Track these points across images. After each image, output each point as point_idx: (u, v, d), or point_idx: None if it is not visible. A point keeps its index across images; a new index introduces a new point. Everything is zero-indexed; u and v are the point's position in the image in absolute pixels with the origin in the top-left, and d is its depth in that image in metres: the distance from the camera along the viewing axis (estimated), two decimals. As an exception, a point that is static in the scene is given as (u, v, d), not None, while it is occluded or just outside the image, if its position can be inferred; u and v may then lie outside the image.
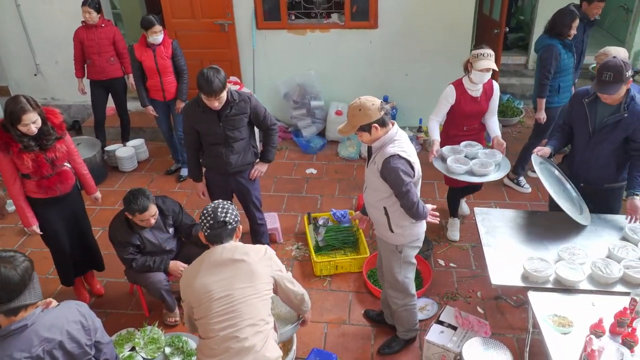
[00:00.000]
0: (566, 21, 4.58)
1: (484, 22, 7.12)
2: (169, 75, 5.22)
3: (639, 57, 7.68)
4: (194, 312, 2.49)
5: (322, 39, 6.16)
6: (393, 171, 2.81)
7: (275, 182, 5.62)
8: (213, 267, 2.47)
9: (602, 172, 3.55)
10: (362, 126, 2.83)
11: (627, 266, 2.96)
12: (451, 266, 4.35)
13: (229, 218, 2.51)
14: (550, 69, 4.64)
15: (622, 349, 2.48)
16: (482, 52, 3.80)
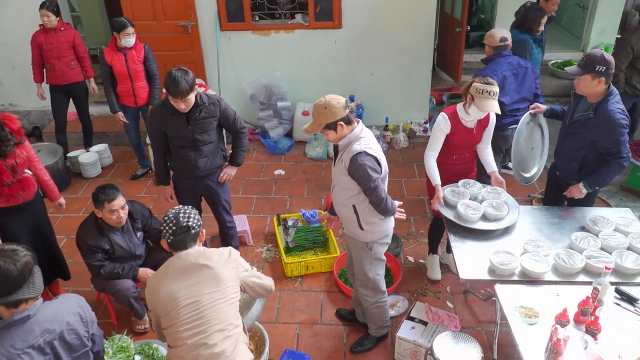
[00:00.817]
0: (536, 17, 4.72)
1: (446, 20, 7.24)
2: (140, 80, 5.12)
3: (595, 53, 7.92)
4: (161, 320, 2.45)
5: (287, 40, 6.16)
6: (360, 168, 2.83)
7: (244, 184, 5.58)
8: (178, 274, 2.43)
9: (568, 165, 3.64)
10: (327, 124, 2.84)
11: (589, 256, 3.05)
12: (420, 262, 4.40)
13: (191, 222, 2.48)
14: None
15: (586, 337, 2.56)
16: (488, 90, 3.29)
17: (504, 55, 4.24)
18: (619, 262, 2.99)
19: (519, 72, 4.24)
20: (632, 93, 5.38)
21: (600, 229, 3.32)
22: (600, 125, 3.33)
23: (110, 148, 6.15)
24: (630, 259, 3.02)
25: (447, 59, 7.46)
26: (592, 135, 3.40)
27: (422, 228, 4.76)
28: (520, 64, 4.26)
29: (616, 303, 2.83)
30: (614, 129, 3.30)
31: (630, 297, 2.83)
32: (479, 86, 3.32)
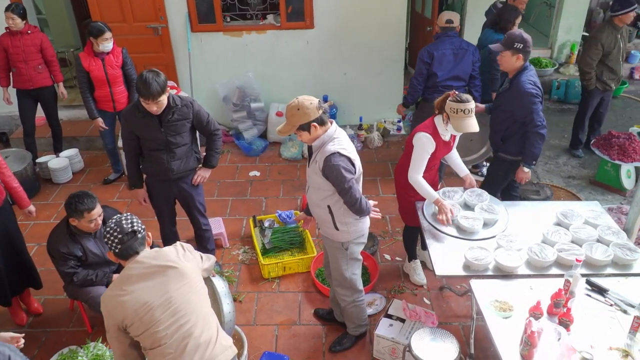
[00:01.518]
0: (510, 17, 4.81)
1: (416, 20, 7.32)
2: (119, 85, 5.03)
3: (562, 50, 8.11)
4: (132, 329, 2.37)
5: (259, 41, 6.13)
6: (334, 169, 2.83)
7: (219, 187, 5.54)
8: (140, 280, 2.37)
9: (494, 137, 4.01)
10: (301, 125, 2.83)
11: (561, 249, 3.12)
12: (397, 260, 4.44)
13: (136, 227, 2.44)
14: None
15: (559, 329, 2.61)
16: (462, 109, 3.21)
17: (449, 35, 4.64)
18: (589, 254, 3.06)
19: (459, 52, 4.65)
20: (602, 89, 5.53)
21: (571, 223, 3.39)
22: (513, 95, 3.74)
23: (81, 153, 6.03)
24: (600, 251, 3.10)
25: (419, 58, 7.53)
26: (509, 106, 3.80)
27: (398, 226, 4.80)
28: (462, 46, 4.66)
29: (587, 294, 2.89)
30: (524, 97, 3.69)
31: (601, 288, 2.90)
32: (454, 105, 3.23)
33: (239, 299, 4.04)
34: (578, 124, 5.90)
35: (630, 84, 7.83)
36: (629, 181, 5.22)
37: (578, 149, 6.01)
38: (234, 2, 6.14)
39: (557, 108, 7.30)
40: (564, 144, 6.25)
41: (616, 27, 5.29)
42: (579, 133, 5.93)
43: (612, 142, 5.40)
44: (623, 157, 5.23)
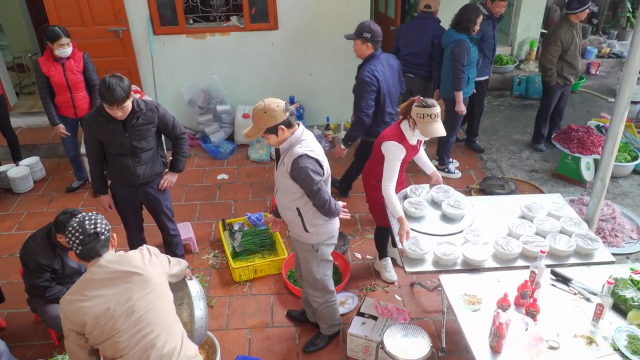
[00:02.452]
0: (471, 17, 4.88)
1: (380, 19, 7.37)
2: (80, 91, 4.90)
3: (522, 47, 8.31)
4: (92, 336, 2.30)
5: (223, 42, 6.08)
6: (302, 171, 2.83)
7: (186, 191, 5.47)
8: (103, 285, 2.30)
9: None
10: (268, 128, 2.82)
11: (525, 242, 3.19)
12: (367, 258, 4.46)
13: (99, 228, 2.35)
14: (464, 63, 4.93)
15: (526, 319, 2.68)
16: (429, 113, 3.21)
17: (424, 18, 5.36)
18: (552, 245, 3.15)
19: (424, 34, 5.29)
20: (562, 84, 5.69)
21: (535, 215, 3.48)
22: (356, 79, 4.21)
23: (43, 161, 5.86)
24: (563, 242, 3.18)
25: (384, 57, 7.59)
26: (353, 88, 4.27)
27: (367, 225, 4.83)
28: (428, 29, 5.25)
29: (552, 284, 2.98)
30: (359, 83, 4.18)
31: (565, 277, 2.98)
32: (420, 111, 3.23)
33: (210, 303, 3.99)
34: (540, 118, 6.06)
35: (587, 78, 8.08)
36: (589, 173, 5.38)
37: (540, 143, 6.16)
38: (196, 4, 6.07)
39: (519, 104, 7.47)
40: (527, 138, 6.40)
41: (572, 24, 5.44)
42: (541, 128, 6.09)
43: (571, 136, 5.57)
44: (582, 150, 5.39)
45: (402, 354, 2.94)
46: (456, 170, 5.66)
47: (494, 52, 5.61)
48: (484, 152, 6.12)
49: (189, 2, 6.02)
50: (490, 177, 5.42)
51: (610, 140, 3.26)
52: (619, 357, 2.50)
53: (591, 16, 8.75)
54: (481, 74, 5.55)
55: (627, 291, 2.79)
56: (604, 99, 7.47)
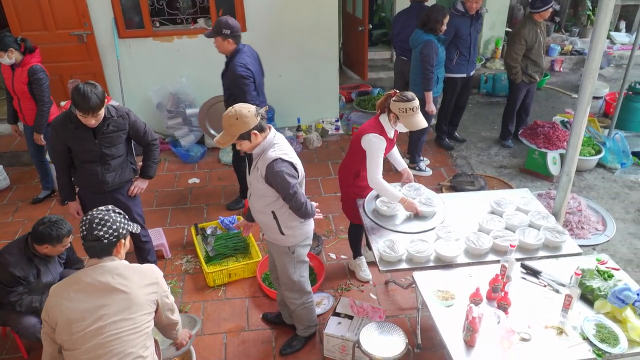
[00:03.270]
0: (438, 17, 4.93)
1: (348, 20, 7.41)
2: (26, 101, 4.75)
3: (488, 46, 8.46)
4: (60, 339, 2.24)
5: (191, 45, 6.02)
6: (278, 175, 2.82)
7: (157, 196, 5.39)
8: (88, 291, 2.24)
9: None
10: (241, 135, 2.79)
11: (496, 236, 3.24)
12: (342, 258, 4.48)
13: (103, 232, 2.28)
14: (433, 63, 4.98)
15: (498, 312, 2.72)
16: (411, 107, 3.31)
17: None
18: (522, 239, 3.21)
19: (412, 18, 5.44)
20: (528, 81, 5.81)
21: (504, 210, 3.54)
22: (229, 76, 4.28)
23: (6, 169, 5.70)
24: (532, 235, 3.25)
25: (353, 58, 7.64)
26: (229, 86, 4.32)
27: (341, 224, 4.84)
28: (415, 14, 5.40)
29: (522, 277, 3.03)
30: (235, 79, 4.23)
31: (534, 270, 3.04)
32: (402, 105, 3.31)
33: (184, 309, 3.94)
34: (507, 115, 6.18)
35: (551, 75, 8.28)
36: (555, 167, 5.51)
37: (508, 139, 6.28)
38: (162, 6, 5.99)
39: (486, 101, 7.61)
40: (495, 135, 6.52)
41: (536, 23, 5.56)
42: (509, 124, 6.21)
43: (537, 132, 5.69)
44: (548, 145, 5.52)
45: (378, 352, 2.95)
46: (427, 168, 5.73)
47: (471, 50, 5.61)
48: (454, 149, 6.20)
49: (154, 4, 5.94)
50: (460, 174, 5.50)
51: (574, 135, 3.34)
52: (587, 346, 2.56)
53: (554, 14, 8.97)
54: (457, 71, 5.62)
55: (593, 281, 2.86)
56: (568, 95, 7.66)
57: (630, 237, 4.71)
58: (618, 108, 5.97)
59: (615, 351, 2.52)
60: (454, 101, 5.91)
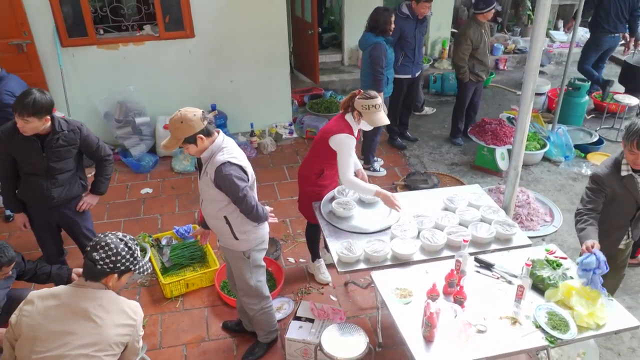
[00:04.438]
0: (387, 18, 5.01)
1: (298, 24, 7.44)
2: None
3: (435, 46, 8.66)
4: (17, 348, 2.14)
5: (138, 52, 5.89)
6: (227, 178, 2.79)
7: (109, 208, 5.24)
8: (63, 312, 2.15)
9: None
10: (186, 138, 2.76)
11: (450, 232, 3.32)
12: (301, 261, 4.47)
13: (99, 258, 2.18)
14: (382, 65, 5.05)
15: (455, 307, 2.78)
16: (374, 104, 3.39)
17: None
18: (474, 234, 3.30)
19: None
20: (475, 80, 5.98)
21: (457, 206, 3.63)
22: None
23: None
24: (484, 230, 3.34)
25: (304, 61, 7.67)
26: None
27: (298, 228, 4.84)
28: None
29: (477, 271, 3.11)
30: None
31: (488, 263, 3.13)
32: (365, 102, 3.38)
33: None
34: (457, 114, 6.34)
35: (496, 74, 8.55)
36: (504, 163, 5.68)
37: (458, 137, 6.44)
38: (106, 13, 5.84)
39: (436, 100, 7.78)
40: (445, 133, 6.68)
41: (480, 23, 5.74)
42: (458, 122, 6.37)
43: (485, 129, 5.86)
44: (496, 141, 5.69)
45: (340, 354, 2.96)
46: (381, 169, 5.80)
47: (416, 51, 5.70)
48: (407, 148, 6.31)
49: (97, 12, 5.78)
50: (413, 173, 5.60)
51: (520, 130, 3.46)
52: (540, 334, 2.65)
53: (496, 15, 9.27)
54: (402, 72, 5.71)
55: (543, 271, 2.97)
56: (512, 92, 7.93)
57: (576, 226, 4.90)
58: (560, 103, 6.23)
59: (566, 337, 2.62)
60: (401, 101, 6.00)
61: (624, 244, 3.37)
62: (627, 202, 3.17)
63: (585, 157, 6.10)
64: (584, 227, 3.12)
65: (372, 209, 3.71)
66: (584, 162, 6.01)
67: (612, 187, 3.14)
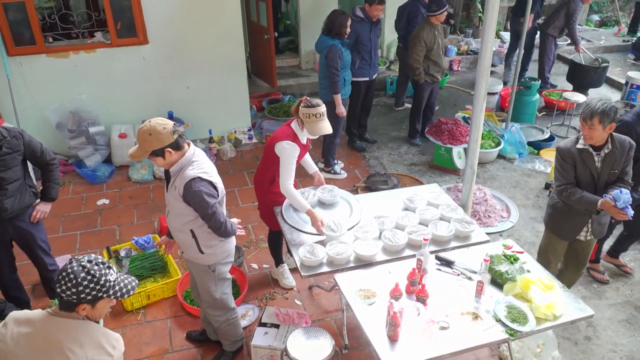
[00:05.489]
0: (343, 22, 5.04)
1: (253, 28, 7.41)
2: None
3: (390, 49, 8.78)
4: None
5: (89, 60, 5.74)
6: (196, 195, 2.73)
7: (63, 221, 5.07)
8: (35, 341, 2.00)
9: None
10: (154, 151, 2.69)
11: (410, 232, 3.36)
12: (264, 267, 4.44)
13: (61, 290, 1.99)
14: (338, 67, 5.08)
15: (417, 305, 2.82)
16: (315, 112, 3.35)
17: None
18: (434, 232, 3.35)
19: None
20: (430, 81, 6.09)
21: (416, 206, 3.68)
22: None
23: None
24: (443, 228, 3.41)
25: (261, 66, 7.64)
26: None
27: (261, 234, 4.81)
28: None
29: (438, 269, 3.17)
30: None
31: (448, 261, 3.19)
32: (306, 111, 3.34)
33: (101, 338, 3.73)
34: (414, 115, 6.44)
35: (451, 75, 8.75)
36: (461, 161, 5.81)
37: (416, 137, 6.55)
38: (54, 21, 5.66)
39: (393, 102, 7.87)
40: (403, 134, 6.77)
41: (433, 26, 5.85)
42: (416, 123, 6.48)
43: (442, 129, 5.98)
44: (453, 140, 5.81)
45: (306, 358, 2.96)
46: (342, 171, 5.84)
47: (372, 54, 5.77)
48: (366, 150, 6.37)
49: (46, 19, 5.61)
50: (374, 174, 5.66)
51: (474, 129, 3.55)
52: (501, 327, 2.72)
53: (449, 17, 9.48)
54: (360, 74, 5.77)
55: (501, 266, 3.05)
56: (467, 92, 8.11)
57: (532, 221, 5.06)
58: (512, 102, 6.41)
59: (525, 329, 2.69)
60: (360, 104, 6.06)
61: (583, 235, 3.51)
62: (585, 177, 3.30)
63: (538, 154, 6.30)
64: (581, 194, 3.26)
65: (332, 209, 3.72)
66: (537, 158, 6.21)
67: (573, 159, 3.27)
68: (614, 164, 3.23)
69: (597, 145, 3.22)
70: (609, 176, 3.28)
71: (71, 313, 2.05)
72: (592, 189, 3.30)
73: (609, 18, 11.69)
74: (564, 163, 3.32)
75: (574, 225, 3.48)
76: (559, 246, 3.63)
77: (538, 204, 5.32)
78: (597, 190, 3.30)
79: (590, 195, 3.24)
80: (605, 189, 3.28)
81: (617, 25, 11.07)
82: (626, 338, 3.78)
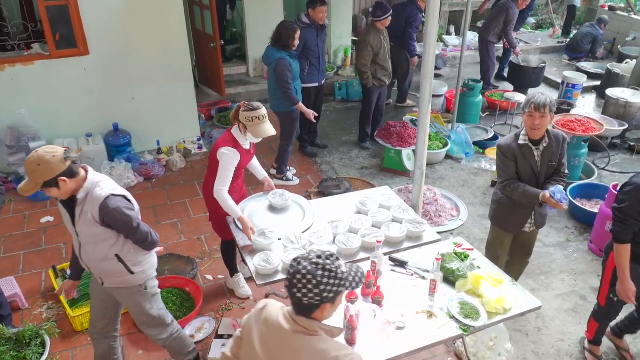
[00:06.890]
0: (290, 34, 5.01)
1: (199, 37, 7.32)
2: None
3: (338, 54, 8.87)
4: None
5: (27, 73, 5.51)
6: (116, 212, 2.61)
7: (5, 242, 4.84)
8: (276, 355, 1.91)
9: None
10: (45, 182, 2.51)
11: (364, 235, 3.39)
12: (219, 278, 4.38)
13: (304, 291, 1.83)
14: (288, 80, 5.06)
15: (374, 307, 2.85)
16: (257, 115, 3.38)
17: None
18: (387, 234, 3.40)
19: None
20: (378, 85, 6.19)
21: (369, 209, 3.72)
22: None
23: None
24: (396, 229, 3.46)
25: (208, 74, 7.56)
26: None
27: (214, 244, 4.74)
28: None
29: (392, 270, 3.20)
30: None
31: (401, 261, 3.24)
32: (248, 115, 3.36)
33: (50, 362, 3.58)
34: (364, 119, 6.52)
35: (397, 78, 8.90)
36: (410, 163, 5.92)
37: (366, 141, 6.63)
38: (-13, 32, 5.43)
39: (342, 107, 7.96)
40: (354, 138, 6.84)
41: (379, 30, 5.96)
42: (365, 127, 6.56)
43: (391, 132, 6.08)
44: (402, 143, 5.92)
45: (265, 367, 2.93)
46: (294, 177, 5.84)
47: (320, 59, 5.80)
48: (318, 156, 6.40)
49: (-22, 31, 5.36)
50: (326, 180, 5.69)
51: (421, 131, 3.62)
52: (455, 324, 2.78)
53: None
54: (309, 80, 5.79)
55: (452, 264, 3.12)
56: (414, 95, 8.28)
57: (480, 218, 5.21)
58: (457, 104, 6.60)
59: (478, 324, 2.76)
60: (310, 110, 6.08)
61: (528, 227, 3.65)
62: (526, 171, 3.43)
63: (484, 153, 6.50)
64: (524, 188, 3.39)
65: (284, 214, 3.72)
66: (483, 157, 6.41)
67: (514, 154, 3.40)
68: (552, 157, 3.39)
69: (536, 140, 3.36)
70: (548, 169, 3.44)
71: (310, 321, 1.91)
72: (533, 182, 3.44)
73: (544, 21, 12.24)
74: (505, 159, 3.45)
75: (519, 218, 3.62)
76: (505, 240, 3.76)
77: (485, 201, 5.48)
78: (538, 183, 3.45)
79: (532, 189, 3.38)
80: (545, 181, 3.44)
81: (552, 27, 11.60)
82: (573, 326, 3.95)
